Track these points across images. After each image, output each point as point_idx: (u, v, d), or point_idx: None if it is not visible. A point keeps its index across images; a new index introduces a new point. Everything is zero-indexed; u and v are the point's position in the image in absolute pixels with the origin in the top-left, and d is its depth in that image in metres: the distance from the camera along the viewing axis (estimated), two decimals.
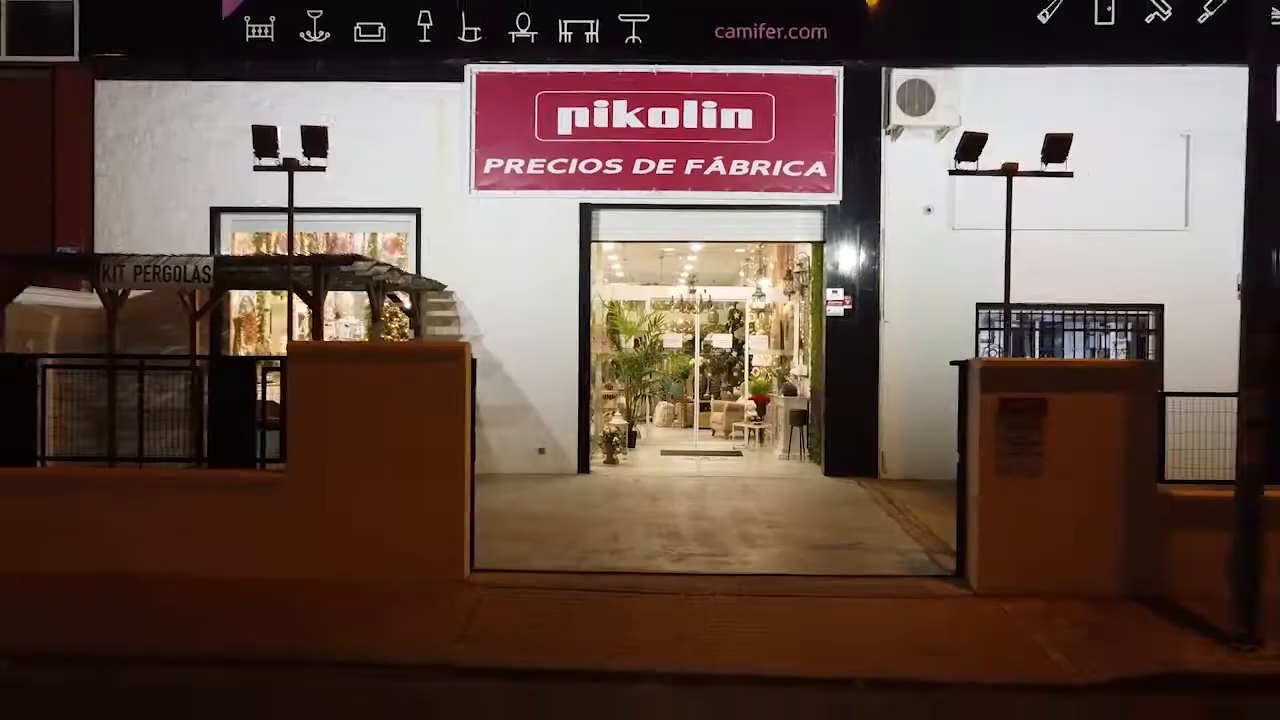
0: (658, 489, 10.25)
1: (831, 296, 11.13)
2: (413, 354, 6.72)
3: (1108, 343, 11.86)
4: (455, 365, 6.50)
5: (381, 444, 6.40)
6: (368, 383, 6.44)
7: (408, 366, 6.49)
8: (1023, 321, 11.53)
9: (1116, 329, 11.92)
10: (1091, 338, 11.93)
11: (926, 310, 11.06)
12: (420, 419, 6.43)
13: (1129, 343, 12.24)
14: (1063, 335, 11.82)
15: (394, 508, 6.40)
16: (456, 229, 11.17)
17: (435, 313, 11.25)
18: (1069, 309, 11.30)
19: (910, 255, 11.10)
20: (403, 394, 6.43)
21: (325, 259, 7.31)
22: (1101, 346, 11.98)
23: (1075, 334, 11.89)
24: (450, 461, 6.50)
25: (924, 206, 11.07)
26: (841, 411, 11.16)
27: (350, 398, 6.42)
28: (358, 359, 6.55)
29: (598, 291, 13.79)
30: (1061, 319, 11.52)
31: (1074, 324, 11.53)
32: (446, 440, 6.48)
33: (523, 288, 11.16)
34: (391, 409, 6.42)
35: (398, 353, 6.85)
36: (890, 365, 11.11)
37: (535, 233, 11.18)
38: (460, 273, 11.14)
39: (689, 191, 11.11)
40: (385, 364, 6.53)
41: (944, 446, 11.24)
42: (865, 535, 8.12)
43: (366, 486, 6.40)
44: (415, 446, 6.43)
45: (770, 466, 12.21)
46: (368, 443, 6.39)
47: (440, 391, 6.48)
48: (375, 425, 6.41)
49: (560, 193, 11.13)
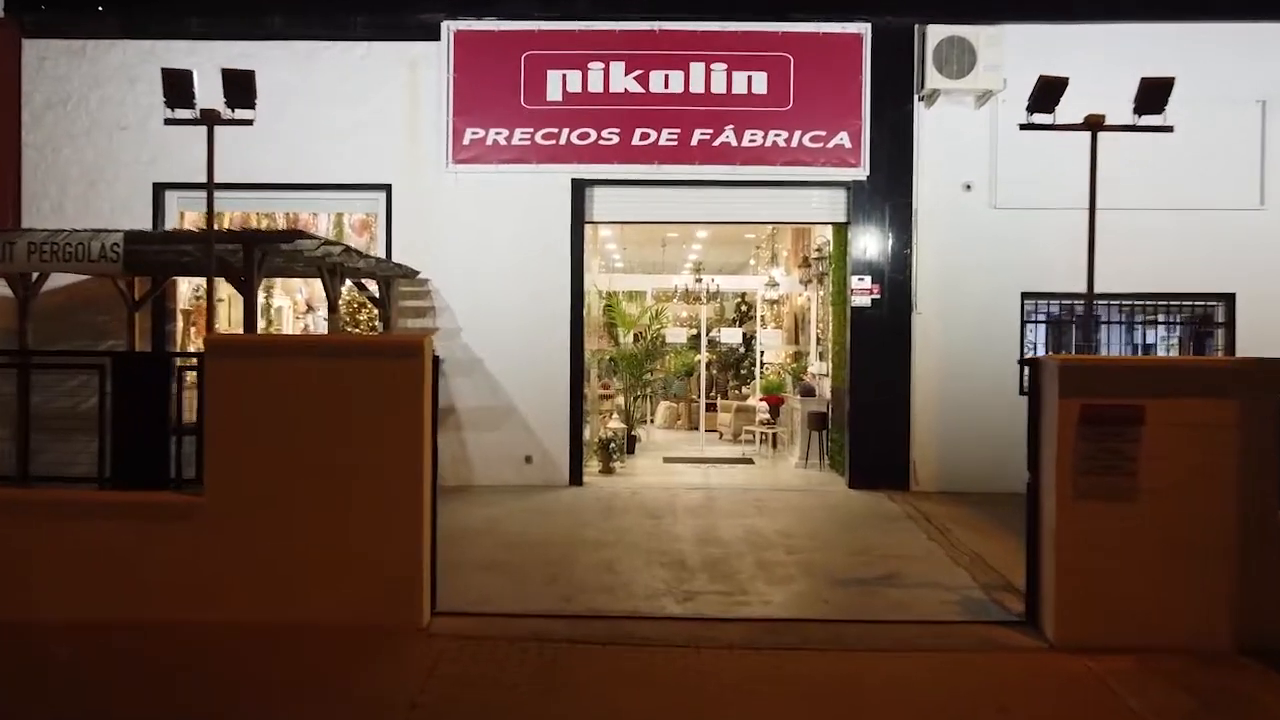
0: (659, 504, 9.16)
1: (857, 285, 10.02)
2: (360, 350, 5.63)
3: (1157, 336, 10.75)
4: (412, 363, 5.41)
5: (320, 459, 5.33)
6: (304, 384, 5.36)
7: (354, 364, 5.40)
8: (1069, 313, 10.44)
9: (1172, 321, 10.84)
10: (1138, 331, 10.84)
11: (965, 300, 9.97)
12: (369, 428, 5.35)
13: (1180, 337, 11.16)
14: (1109, 329, 10.75)
15: (335, 537, 5.32)
16: (431, 208, 10.08)
17: (407, 303, 10.16)
18: (1123, 299, 10.19)
19: (946, 238, 9.99)
20: (347, 398, 5.35)
21: (259, 236, 6.22)
22: (1145, 341, 10.89)
23: (1119, 327, 10.82)
24: (405, 480, 5.42)
25: (962, 183, 9.96)
26: (867, 415, 10.06)
27: (282, 403, 5.33)
28: (291, 355, 5.47)
29: (593, 281, 12.69)
30: (1116, 310, 10.41)
31: (1133, 316, 10.42)
32: (401, 454, 5.39)
33: (507, 275, 10.07)
34: (333, 416, 5.34)
35: (341, 348, 5.76)
36: (923, 362, 10.01)
37: (521, 212, 10.09)
38: (436, 257, 10.06)
39: (695, 166, 10.01)
40: (326, 362, 5.44)
41: (986, 455, 10.20)
42: (904, 565, 7.03)
43: (302, 511, 5.32)
44: (362, 462, 5.35)
45: (786, 476, 11.12)
46: (303, 458, 5.32)
47: (394, 395, 5.39)
48: (313, 436, 5.33)
49: (549, 166, 10.03)
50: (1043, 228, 9.85)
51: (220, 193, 10.00)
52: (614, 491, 9.82)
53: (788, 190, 10.26)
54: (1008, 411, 9.81)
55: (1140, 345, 11.03)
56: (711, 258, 15.83)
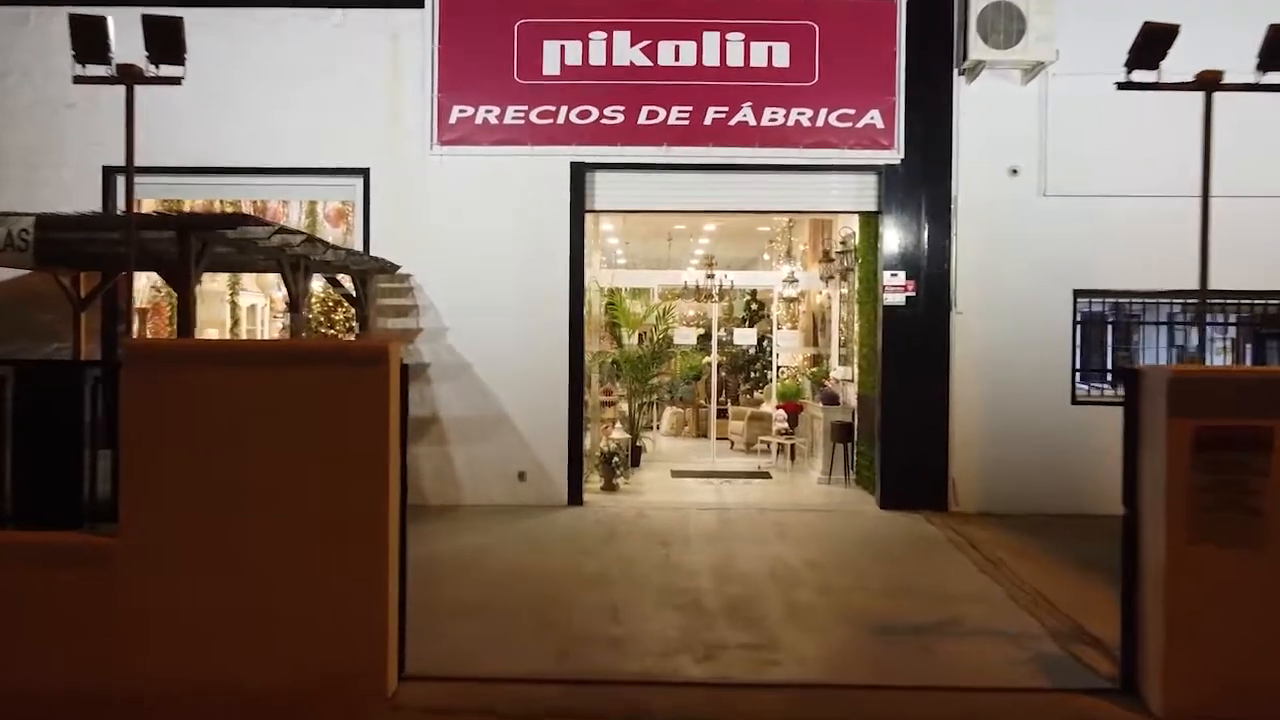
0: (669, 527, 8.23)
1: (890, 281, 9.08)
2: (312, 357, 4.69)
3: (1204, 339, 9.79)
4: (374, 373, 4.49)
5: (264, 488, 4.40)
6: (245, 399, 4.43)
7: (306, 374, 4.47)
8: (1121, 313, 9.51)
9: (1228, 323, 9.92)
10: (1183, 333, 9.91)
11: (1009, 298, 9.04)
12: (323, 450, 4.42)
13: (1229, 339, 10.24)
14: (1145, 331, 9.86)
15: (280, 585, 4.40)
16: (414, 195, 9.15)
17: (387, 301, 9.23)
18: (1180, 297, 9.23)
19: (990, 229, 9.05)
20: (297, 415, 4.42)
21: (196, 220, 5.29)
22: (1188, 344, 9.95)
23: (1165, 328, 9.91)
24: (368, 512, 4.49)
25: (1008, 167, 9.03)
26: (901, 426, 9.13)
27: (217, 421, 4.40)
28: (229, 364, 4.53)
29: (594, 277, 11.76)
30: (1165, 309, 9.48)
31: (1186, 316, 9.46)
32: (362, 481, 4.47)
33: (498, 269, 9.15)
34: (280, 436, 4.41)
35: (290, 355, 4.84)
36: (963, 368, 9.08)
37: (514, 200, 9.16)
38: (419, 250, 9.13)
39: (709, 148, 9.08)
40: (272, 371, 4.51)
41: (1034, 472, 9.26)
42: (958, 607, 6.09)
43: (240, 552, 4.39)
44: (315, 491, 4.42)
45: (808, 494, 10.19)
46: (243, 487, 4.39)
47: (353, 410, 4.46)
48: (255, 461, 4.40)
49: (546, 149, 9.10)
50: (1099, 217, 8.93)
51: (179, 178, 9.19)
52: (618, 513, 8.89)
53: (812, 175, 9.33)
54: (1058, 423, 8.95)
55: (1184, 348, 10.11)
56: (720, 252, 14.90)
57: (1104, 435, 8.98)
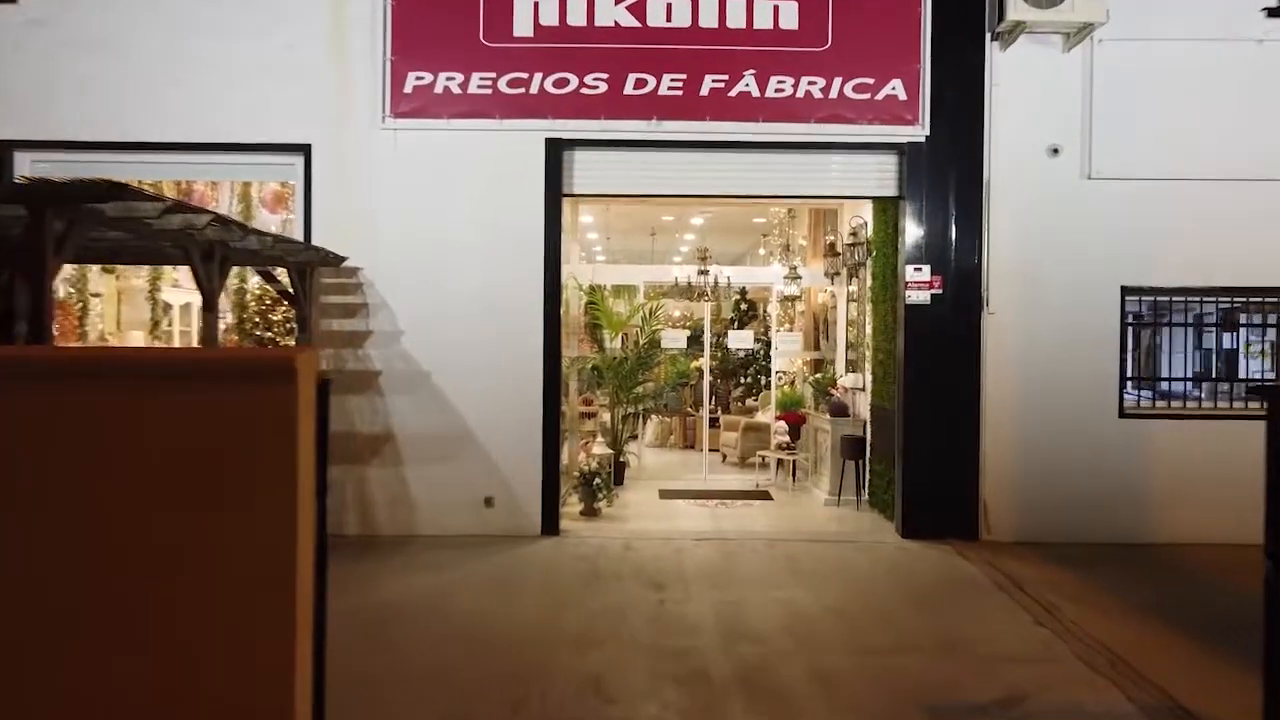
0: (662, 565, 7.14)
1: (914, 276, 8.04)
2: (189, 372, 3.52)
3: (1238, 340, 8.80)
4: (276, 394, 3.31)
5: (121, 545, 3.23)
6: (97, 427, 3.26)
7: (180, 396, 3.31)
8: (1172, 312, 8.51)
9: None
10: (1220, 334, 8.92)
11: (1049, 296, 8.03)
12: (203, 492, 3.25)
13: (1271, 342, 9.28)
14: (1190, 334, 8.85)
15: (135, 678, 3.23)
16: (364, 176, 8.01)
17: (333, 298, 8.07)
18: (1255, 295, 8.27)
19: (1027, 217, 8.04)
20: (171, 447, 3.25)
21: (57, 192, 4.11)
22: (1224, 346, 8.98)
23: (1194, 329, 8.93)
24: (266, 571, 3.32)
25: (1048, 146, 8.01)
26: (924, 442, 8.08)
27: (50, 457, 3.23)
28: (70, 381, 3.38)
29: (572, 272, 10.67)
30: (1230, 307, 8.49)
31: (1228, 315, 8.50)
32: (259, 530, 3.30)
33: (461, 263, 8.03)
34: (144, 475, 3.24)
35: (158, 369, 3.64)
36: (997, 375, 8.05)
37: (480, 181, 8.04)
38: (369, 240, 7.99)
39: (705, 122, 8.00)
40: (135, 391, 3.34)
41: (1079, 495, 8.21)
42: (1021, 672, 5.03)
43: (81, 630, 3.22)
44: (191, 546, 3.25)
45: (817, 519, 9.12)
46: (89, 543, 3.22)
47: (247, 441, 3.29)
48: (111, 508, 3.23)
49: (517, 122, 7.99)
50: (1151, 204, 7.95)
51: (84, 155, 7.98)
52: (600, 545, 7.77)
53: (824, 155, 8.27)
54: (1107, 438, 7.96)
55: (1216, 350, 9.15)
56: (710, 248, 13.76)
57: (1157, 452, 8.05)
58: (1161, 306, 8.29)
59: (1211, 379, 8.63)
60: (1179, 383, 8.46)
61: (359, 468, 8.00)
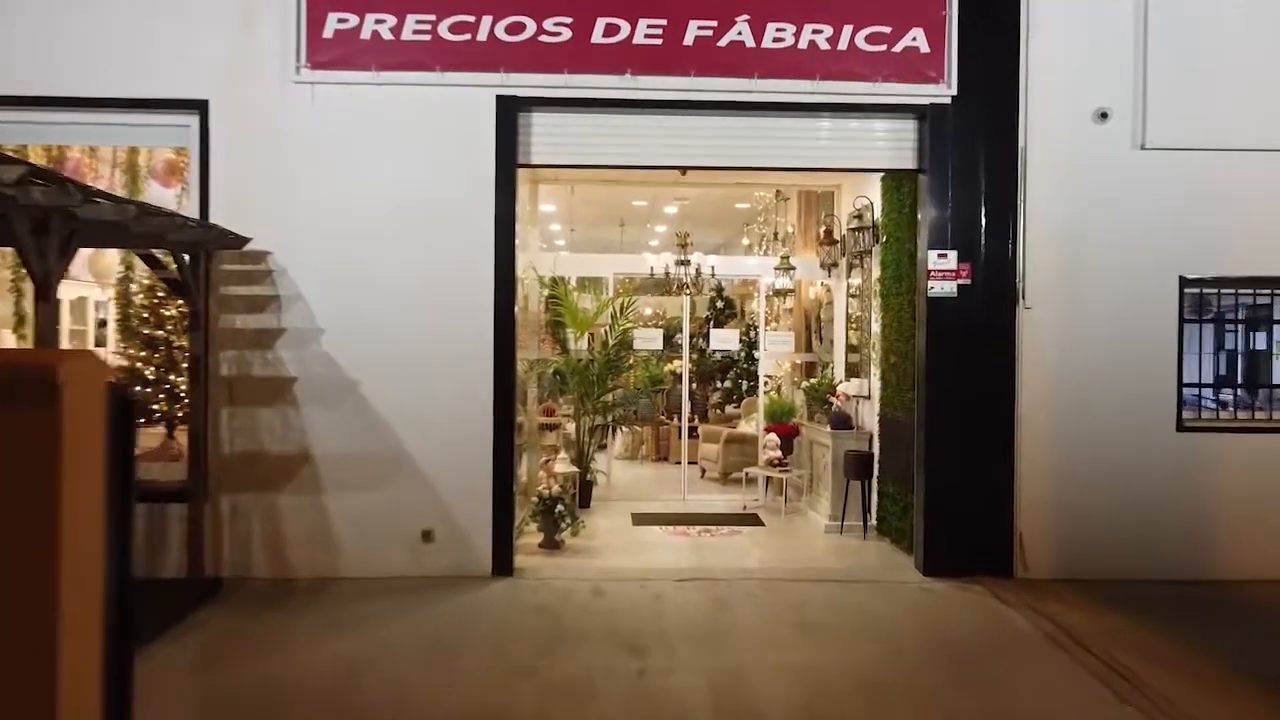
0: (640, 617, 5.91)
1: (937, 264, 6.90)
2: None
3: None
4: (28, 420, 2.09)
5: None
6: None
7: None
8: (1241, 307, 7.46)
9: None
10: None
11: (1095, 288, 6.94)
12: None
13: None
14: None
15: None
16: (274, 141, 6.72)
17: (235, 289, 6.75)
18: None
19: (1070, 194, 6.93)
20: None
21: None
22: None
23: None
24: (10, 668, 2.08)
25: (1095, 109, 6.91)
26: (949, 460, 6.95)
27: None
28: None
29: (531, 261, 9.42)
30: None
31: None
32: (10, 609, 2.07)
33: (395, 247, 6.76)
34: None
35: None
36: (1034, 381, 6.94)
37: (417, 149, 6.78)
38: (280, 219, 6.70)
39: (690, 78, 6.80)
40: None
41: (1130, 523, 7.07)
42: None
43: None
44: None
45: (819, 551, 7.95)
46: None
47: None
48: None
49: (462, 76, 6.74)
50: (1216, 179, 6.89)
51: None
52: (564, 589, 6.53)
53: (832, 120, 7.10)
54: (1163, 455, 6.87)
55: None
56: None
57: (1222, 472, 6.97)
58: (1225, 300, 7.22)
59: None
60: (1242, 391, 7.40)
61: (269, 496, 6.69)
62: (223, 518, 6.66)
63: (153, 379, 7.15)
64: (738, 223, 13.72)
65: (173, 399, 7.07)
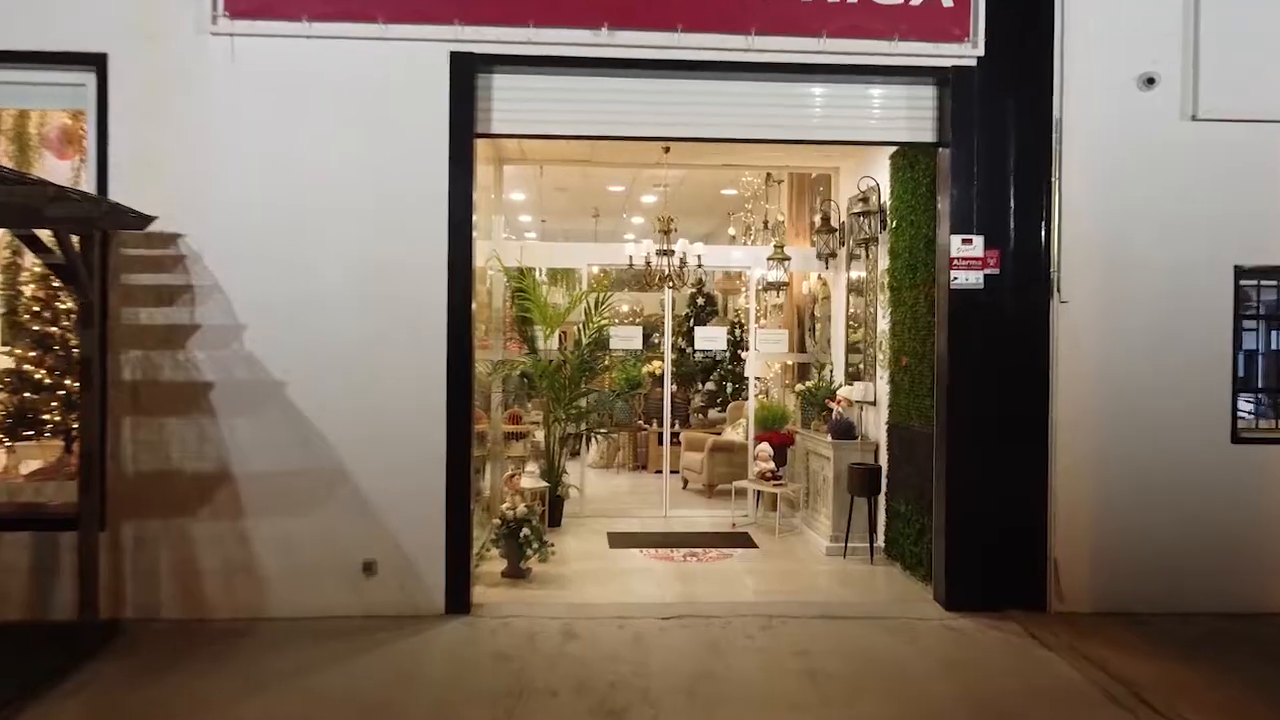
0: (617, 668, 5.03)
1: (961, 251, 6.07)
2: None
3: None
4: None
5: None
6: None
7: None
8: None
9: None
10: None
11: (1140, 279, 6.14)
12: None
13: None
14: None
15: None
16: (185, 102, 5.78)
17: (139, 278, 5.81)
18: None
19: (1112, 172, 6.13)
20: None
21: None
22: None
23: None
24: None
25: (1140, 75, 6.11)
26: (974, 476, 6.13)
27: None
28: None
29: (495, 250, 8.52)
30: None
31: None
32: None
33: (331, 230, 5.85)
34: None
35: None
36: (1071, 385, 6.13)
37: (357, 115, 5.87)
38: (194, 196, 5.77)
39: (676, 33, 5.94)
40: None
41: (1181, 549, 6.29)
42: None
43: None
44: None
45: (821, 579, 7.11)
46: None
47: None
48: None
49: (410, 29, 5.84)
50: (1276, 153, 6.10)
51: None
52: (529, 630, 5.63)
53: (839, 85, 6.25)
54: (1218, 470, 6.08)
55: None
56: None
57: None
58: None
59: None
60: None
61: (181, 522, 5.75)
62: (124, 548, 5.71)
63: (47, 383, 6.17)
64: (722, 212, 12.88)
65: (69, 407, 6.10)
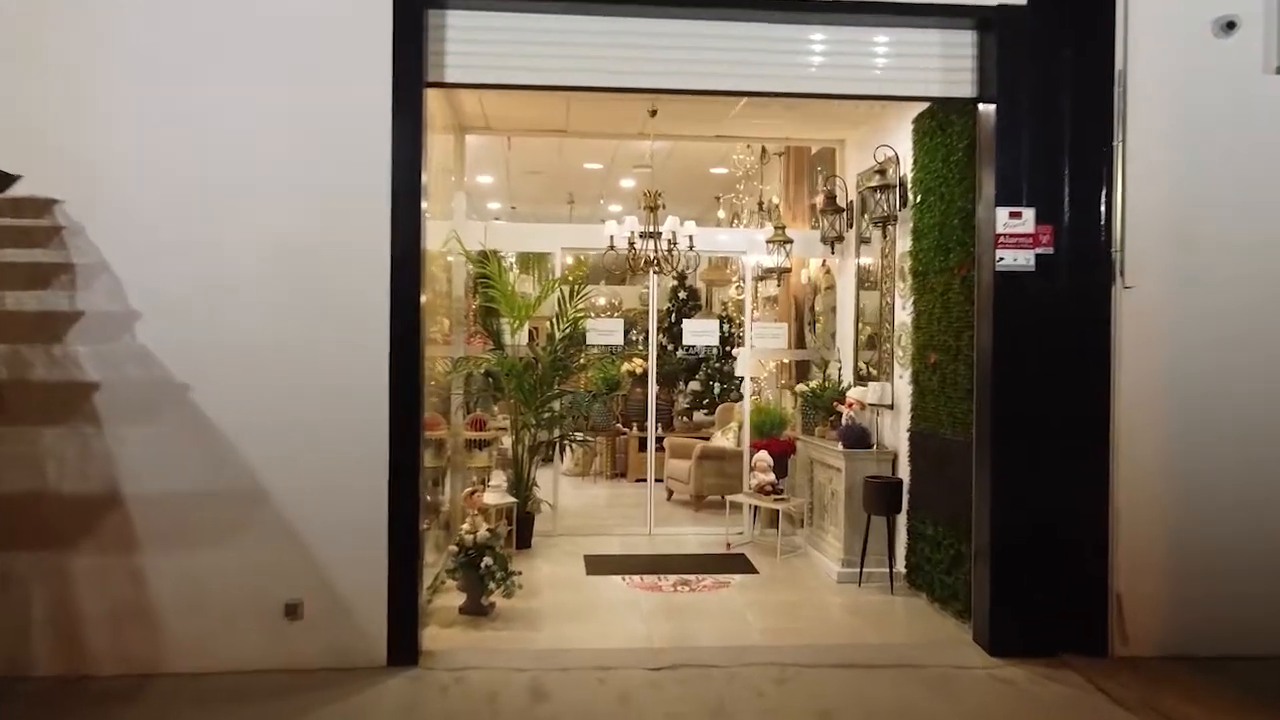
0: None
1: (1008, 226, 5.15)
2: None
3: None
4: None
5: None
6: None
7: None
8: None
9: None
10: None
11: (1218, 262, 5.25)
12: None
13: None
14: None
15: None
16: (65, 38, 4.75)
17: (11, 254, 4.77)
18: None
19: (1184, 134, 5.23)
20: None
21: None
22: None
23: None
24: None
25: (1217, 19, 5.21)
26: (1021, 495, 5.20)
27: None
28: None
29: (455, 230, 7.53)
30: None
31: None
32: None
33: (247, 201, 4.85)
34: None
35: None
36: (1138, 387, 5.23)
37: (278, 58, 4.87)
38: (76, 155, 4.75)
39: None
40: None
41: (1270, 583, 5.44)
42: None
43: None
44: None
45: (836, 613, 6.17)
46: None
47: None
48: None
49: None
50: None
51: None
52: (489, 686, 4.65)
53: (859, 29, 5.32)
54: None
55: None
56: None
57: None
58: None
59: None
60: None
61: (56, 556, 4.73)
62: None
63: None
64: (710, 195, 11.95)
65: None
